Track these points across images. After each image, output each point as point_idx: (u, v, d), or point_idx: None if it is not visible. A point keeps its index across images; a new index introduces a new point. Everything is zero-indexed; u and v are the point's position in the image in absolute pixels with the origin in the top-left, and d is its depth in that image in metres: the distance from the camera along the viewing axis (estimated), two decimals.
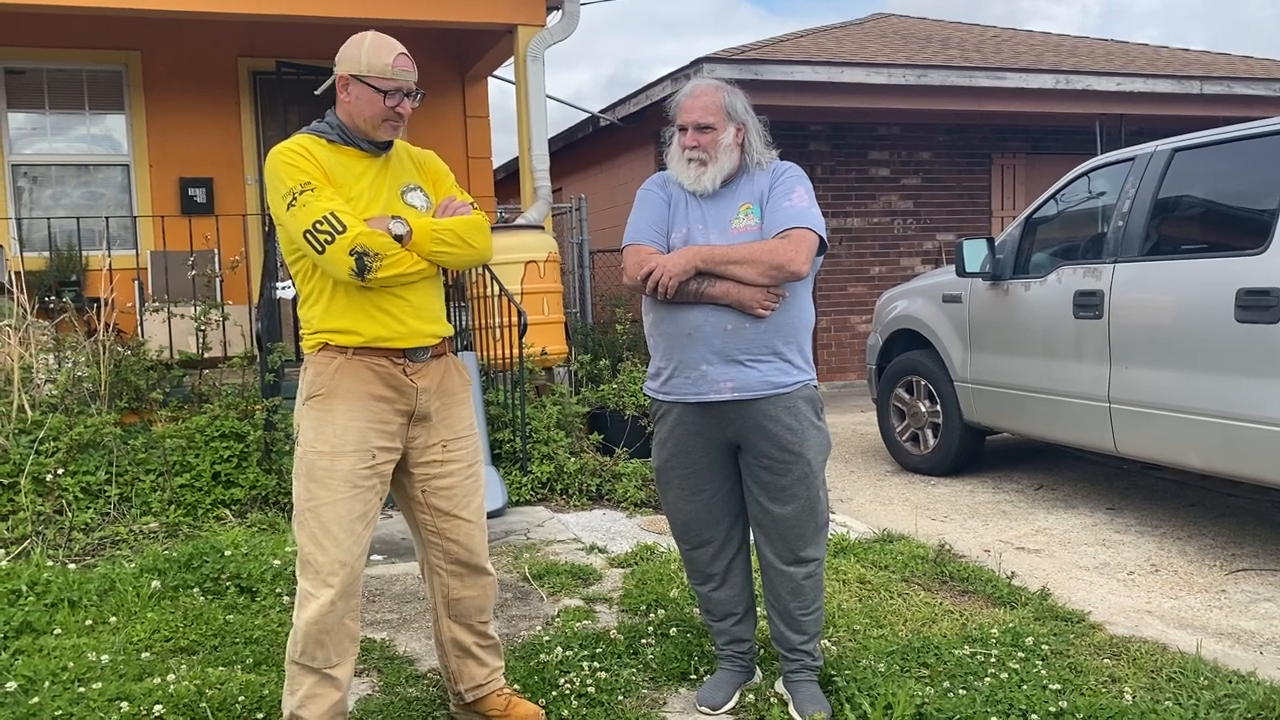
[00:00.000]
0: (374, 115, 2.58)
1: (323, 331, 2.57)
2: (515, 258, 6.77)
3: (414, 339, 2.61)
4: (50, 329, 6.16)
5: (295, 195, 2.45)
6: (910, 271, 10.91)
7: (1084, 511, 5.30)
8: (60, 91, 8.13)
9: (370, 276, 2.45)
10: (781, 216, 2.79)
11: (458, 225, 2.61)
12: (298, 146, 2.53)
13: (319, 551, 2.50)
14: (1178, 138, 4.79)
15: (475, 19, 7.31)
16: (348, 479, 2.51)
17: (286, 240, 2.56)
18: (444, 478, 2.70)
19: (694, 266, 2.76)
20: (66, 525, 4.74)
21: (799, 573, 2.91)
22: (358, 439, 2.53)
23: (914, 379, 6.35)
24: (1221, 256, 4.34)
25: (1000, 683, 2.96)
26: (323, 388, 2.55)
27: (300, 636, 2.52)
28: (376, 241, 2.45)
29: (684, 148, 2.88)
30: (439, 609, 2.81)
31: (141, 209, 8.16)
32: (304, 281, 2.60)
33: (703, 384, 2.82)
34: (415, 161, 2.78)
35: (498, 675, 2.88)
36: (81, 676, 3.08)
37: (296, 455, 2.58)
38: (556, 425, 6.11)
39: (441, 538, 2.73)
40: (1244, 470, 4.24)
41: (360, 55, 2.55)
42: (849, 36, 11.43)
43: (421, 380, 2.63)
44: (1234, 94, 10.44)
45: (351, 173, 2.58)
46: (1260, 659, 3.34)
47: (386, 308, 2.55)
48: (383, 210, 2.57)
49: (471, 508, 2.75)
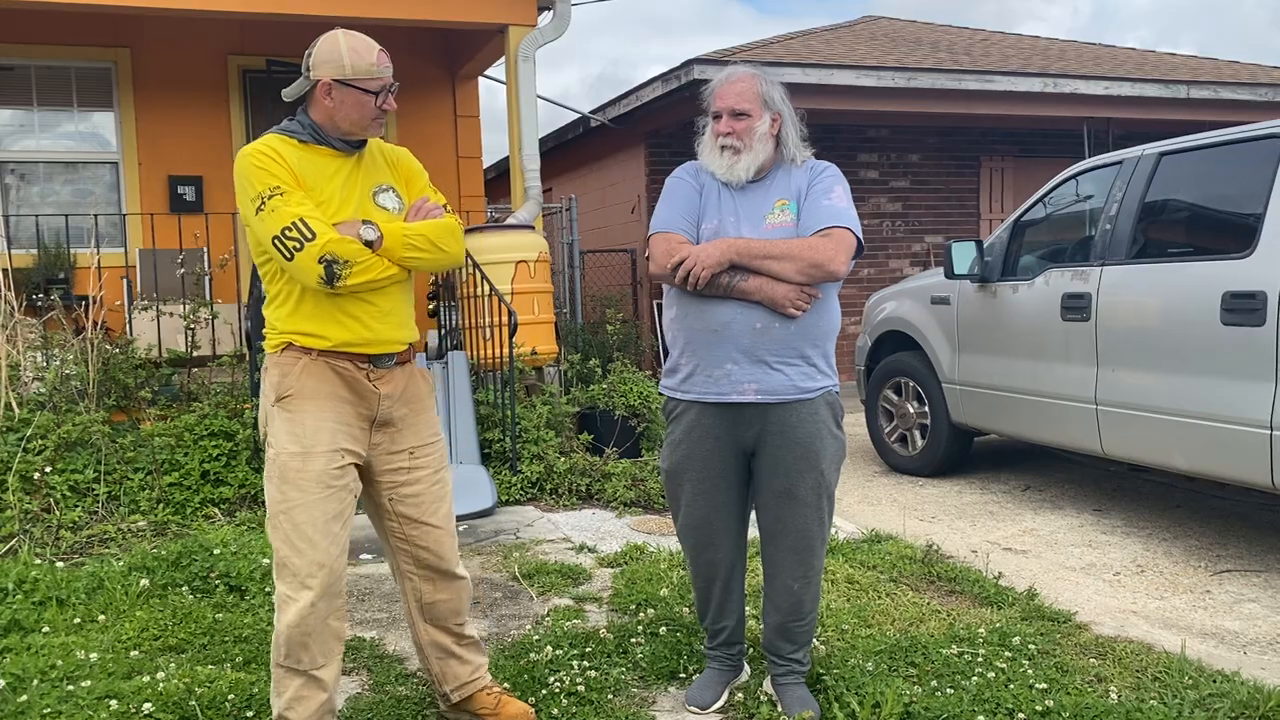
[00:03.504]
0: (362, 117, 2.54)
1: (288, 333, 2.53)
2: (506, 257, 6.78)
3: (380, 345, 2.57)
4: (38, 327, 6.13)
5: (264, 199, 2.40)
6: (899, 273, 10.94)
7: (1070, 512, 5.34)
8: (48, 88, 8.09)
9: (340, 284, 2.41)
10: (821, 214, 2.71)
11: (429, 230, 2.57)
12: (267, 149, 2.48)
13: (294, 554, 2.47)
14: (1165, 141, 4.82)
15: (467, 19, 7.31)
16: (320, 479, 2.48)
17: (254, 243, 2.51)
18: (411, 485, 2.67)
19: (729, 259, 2.66)
20: (54, 523, 4.72)
21: (801, 584, 2.86)
22: (328, 439, 2.50)
23: (902, 380, 6.38)
24: (1208, 260, 4.37)
25: (987, 682, 2.98)
26: (290, 389, 2.51)
27: (283, 640, 2.49)
28: (346, 249, 2.41)
29: (717, 134, 2.78)
30: (414, 613, 2.79)
31: (130, 207, 8.12)
32: (271, 283, 2.55)
33: (725, 384, 2.73)
34: (388, 160, 2.71)
35: (482, 672, 2.88)
36: (70, 675, 3.07)
37: (268, 457, 2.54)
38: (546, 425, 6.11)
39: (411, 544, 2.71)
40: (1229, 472, 4.27)
41: (341, 58, 2.49)
42: (839, 39, 11.46)
43: (385, 386, 2.59)
44: (1220, 98, 10.52)
45: (323, 174, 2.53)
46: (1244, 659, 3.37)
47: (354, 313, 2.52)
48: (354, 212, 2.53)
49: (440, 514, 2.72)
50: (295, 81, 2.58)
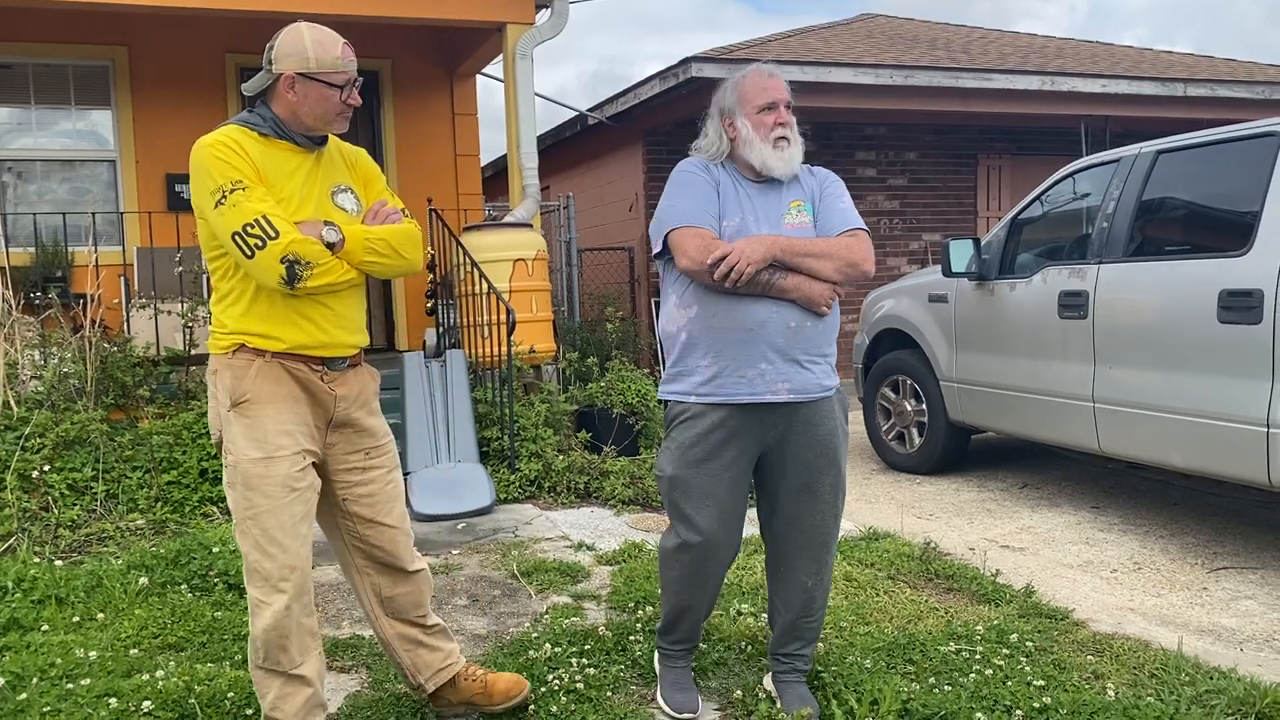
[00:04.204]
0: (327, 112, 2.49)
1: (240, 333, 2.47)
2: (504, 255, 6.78)
3: (335, 349, 2.54)
4: (36, 325, 6.13)
5: (225, 193, 2.34)
6: (896, 271, 10.95)
7: (1068, 510, 5.35)
8: (46, 86, 8.07)
9: (299, 285, 2.37)
10: (839, 218, 2.75)
11: (390, 235, 2.53)
12: (229, 140, 2.41)
13: (265, 559, 2.45)
14: (1162, 140, 4.83)
15: (465, 17, 7.31)
16: (284, 483, 2.45)
17: (208, 236, 2.45)
18: (366, 484, 2.66)
19: (773, 256, 2.62)
20: (53, 522, 4.72)
21: (815, 581, 2.85)
22: (290, 442, 2.47)
23: (900, 378, 6.39)
24: (1204, 258, 4.38)
25: (985, 679, 2.99)
26: (246, 393, 2.46)
27: (260, 644, 2.48)
28: (308, 250, 2.37)
29: (775, 125, 2.74)
30: (374, 610, 2.77)
31: (128, 205, 8.11)
32: (222, 279, 2.49)
33: (759, 384, 2.67)
34: (346, 160, 2.66)
35: (454, 655, 2.85)
36: (69, 673, 3.08)
37: (227, 465, 2.49)
38: (544, 423, 6.12)
39: (365, 544, 2.69)
40: (1226, 469, 4.28)
41: (305, 51, 2.45)
42: (836, 37, 11.46)
43: (340, 389, 2.57)
44: (1217, 96, 10.52)
45: (284, 170, 2.48)
46: (1241, 655, 3.38)
47: (310, 315, 2.48)
48: (314, 211, 2.48)
49: (394, 514, 2.70)
50: (256, 75, 2.53)
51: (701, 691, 3.05)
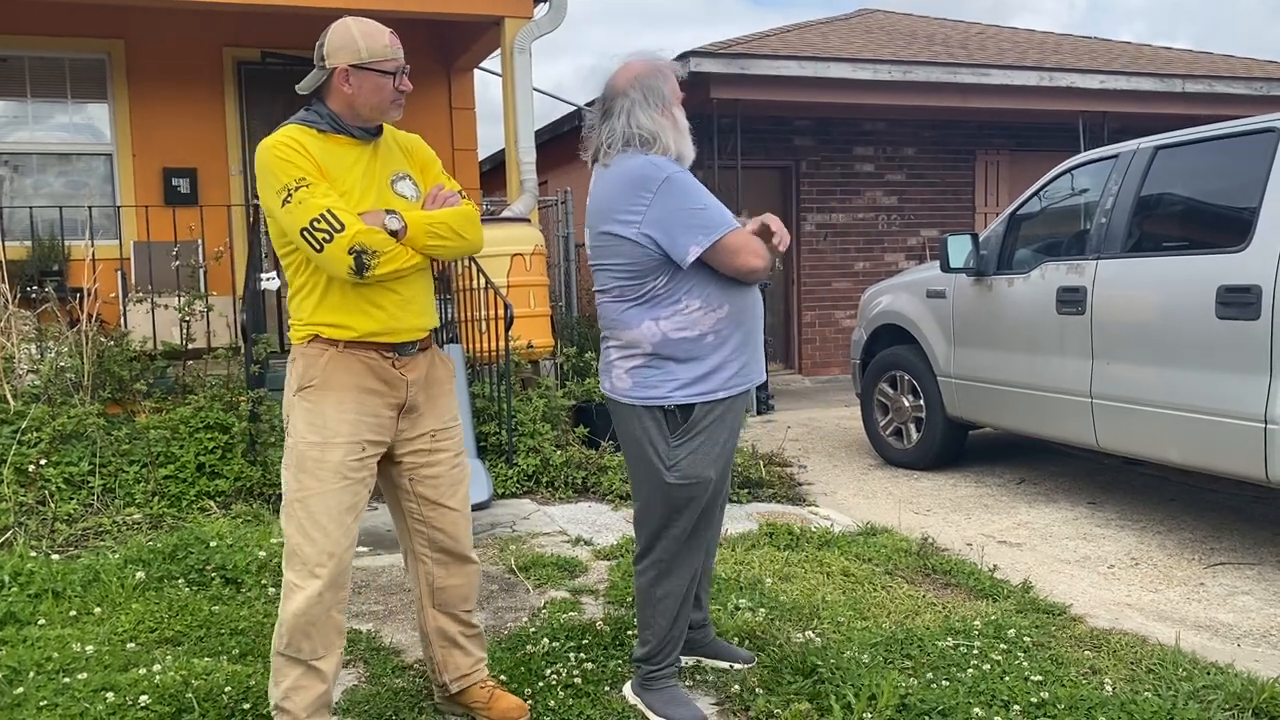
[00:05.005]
0: (382, 100, 2.56)
1: (314, 324, 2.55)
2: (501, 250, 6.77)
3: (405, 334, 2.60)
4: (32, 319, 6.12)
5: (291, 191, 2.42)
6: (894, 267, 10.95)
7: (1065, 506, 5.35)
8: (42, 79, 8.05)
9: (368, 274, 2.44)
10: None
11: (450, 218, 2.60)
12: (290, 140, 2.49)
13: (306, 543, 2.50)
14: (1160, 136, 4.83)
15: (463, 10, 7.29)
16: (338, 470, 2.51)
17: (279, 234, 2.53)
18: (431, 467, 2.71)
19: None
20: (49, 516, 4.72)
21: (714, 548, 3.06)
22: (349, 431, 2.53)
23: (898, 374, 6.39)
24: (1203, 254, 4.38)
25: (982, 674, 2.99)
26: (314, 379, 2.53)
27: (286, 629, 2.51)
28: (374, 239, 2.44)
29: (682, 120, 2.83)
30: (424, 598, 2.82)
31: (125, 199, 8.10)
32: (295, 275, 2.57)
33: (759, 365, 2.82)
34: (402, 147, 2.74)
35: (482, 666, 2.89)
36: (66, 667, 3.07)
37: (286, 446, 2.57)
38: (542, 418, 6.11)
39: (428, 526, 2.74)
40: (1224, 465, 4.28)
41: (356, 43, 2.52)
42: (835, 32, 11.45)
43: (410, 373, 2.63)
44: (1215, 93, 10.52)
45: (343, 164, 2.55)
46: (1238, 651, 3.39)
47: (380, 302, 2.54)
48: (375, 201, 2.55)
49: (458, 497, 2.76)
50: (309, 74, 2.58)
51: (699, 686, 3.05)
